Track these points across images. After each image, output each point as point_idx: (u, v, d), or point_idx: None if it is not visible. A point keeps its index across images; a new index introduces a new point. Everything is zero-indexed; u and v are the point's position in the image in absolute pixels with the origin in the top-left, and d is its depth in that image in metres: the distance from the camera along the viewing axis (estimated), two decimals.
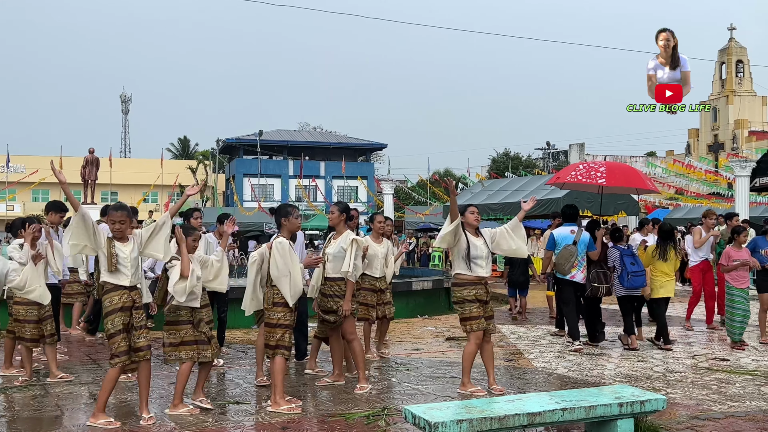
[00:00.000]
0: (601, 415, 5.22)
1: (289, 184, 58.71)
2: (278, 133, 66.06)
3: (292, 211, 6.70)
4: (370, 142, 67.97)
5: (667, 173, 34.10)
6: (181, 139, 77.93)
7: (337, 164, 58.13)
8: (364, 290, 8.59)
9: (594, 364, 8.60)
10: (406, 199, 48.15)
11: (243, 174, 60.34)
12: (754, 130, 70.51)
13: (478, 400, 5.53)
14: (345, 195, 58.21)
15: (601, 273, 9.46)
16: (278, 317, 6.45)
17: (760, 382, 7.54)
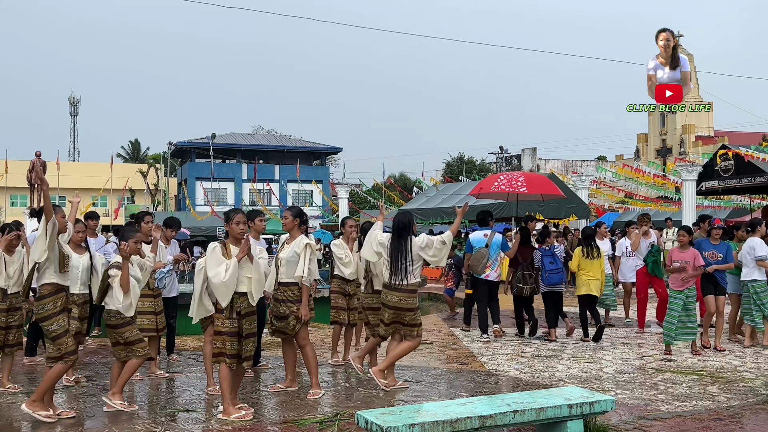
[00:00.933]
0: (552, 416, 5.28)
1: (243, 188, 58.12)
2: (232, 137, 65.41)
3: (233, 216, 6.57)
4: (325, 145, 67.77)
5: (617, 177, 34.70)
6: (132, 143, 76.64)
7: (291, 168, 57.81)
8: (334, 293, 8.60)
9: (545, 366, 8.69)
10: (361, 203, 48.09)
11: (195, 178, 59.61)
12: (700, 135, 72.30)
13: (431, 404, 5.53)
14: (300, 199, 57.92)
15: (527, 274, 10.49)
16: (217, 324, 6.38)
17: (707, 382, 7.71)
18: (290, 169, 58.54)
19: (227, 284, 6.26)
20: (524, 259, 10.57)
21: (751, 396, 7.03)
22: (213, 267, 6.30)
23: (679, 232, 9.64)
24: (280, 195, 55.57)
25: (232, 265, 6.28)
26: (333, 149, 68.51)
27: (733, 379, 7.84)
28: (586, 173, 30.84)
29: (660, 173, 32.74)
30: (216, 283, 6.27)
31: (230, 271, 6.25)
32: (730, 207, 31.85)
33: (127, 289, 6.14)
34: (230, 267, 6.27)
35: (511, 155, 74.82)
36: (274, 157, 64.74)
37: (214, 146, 54.89)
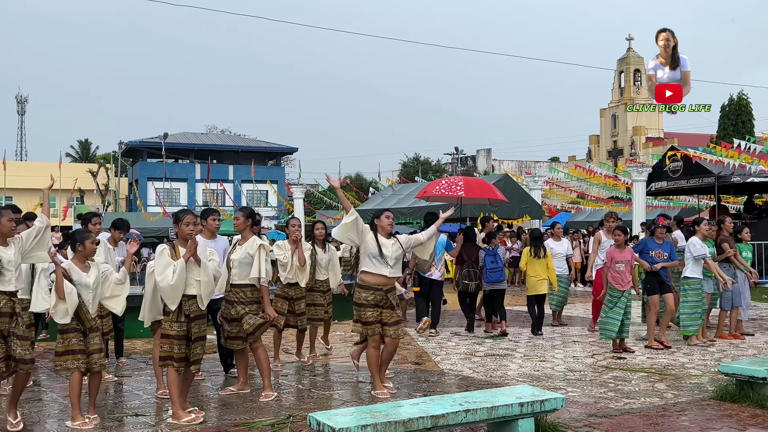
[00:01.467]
0: (503, 415, 5.31)
1: (196, 188, 57.44)
2: (184, 136, 64.60)
3: (182, 217, 6.43)
4: (281, 145, 67.38)
5: (570, 178, 35.23)
6: (81, 142, 75.20)
7: (246, 168, 57.33)
8: (276, 296, 8.49)
9: (498, 364, 8.76)
10: (317, 204, 47.94)
11: (147, 178, 58.76)
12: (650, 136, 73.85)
13: (383, 405, 5.52)
14: (254, 199, 57.44)
15: (471, 272, 11.02)
16: (165, 327, 6.27)
17: (655, 379, 7.85)
18: (244, 169, 58.05)
19: (175, 287, 6.15)
20: (469, 257, 11.06)
21: (697, 392, 7.18)
22: (160, 269, 6.18)
23: (615, 232, 9.72)
24: (234, 195, 55.08)
25: (179, 267, 6.16)
26: (288, 149, 68.16)
27: (680, 375, 8.00)
28: (539, 174, 31.25)
29: (611, 174, 33.31)
30: (163, 286, 6.15)
31: (177, 274, 6.14)
32: (679, 207, 32.59)
33: (61, 295, 5.92)
34: (177, 269, 6.15)
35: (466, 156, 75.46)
36: (228, 157, 64.15)
37: (167, 146, 54.16)
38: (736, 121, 43.75)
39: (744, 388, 6.82)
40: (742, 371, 6.87)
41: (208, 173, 50.91)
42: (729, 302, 10.50)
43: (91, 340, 6.12)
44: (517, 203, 24.27)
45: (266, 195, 56.70)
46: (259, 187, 55.93)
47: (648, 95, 74.75)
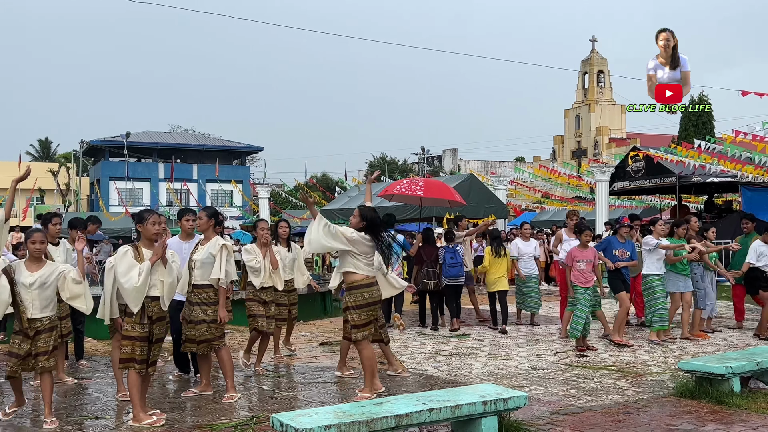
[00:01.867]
0: (467, 414, 5.33)
1: (159, 188, 56.78)
2: (147, 135, 63.83)
3: (147, 217, 6.36)
4: (246, 144, 66.90)
5: (534, 178, 35.54)
6: (41, 141, 73.86)
7: (210, 167, 56.84)
8: (249, 301, 8.35)
9: (463, 363, 8.78)
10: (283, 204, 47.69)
11: (109, 177, 57.93)
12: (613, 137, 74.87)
13: (348, 405, 5.50)
14: (219, 199, 56.95)
15: (431, 271, 11.35)
16: (127, 329, 6.17)
17: (617, 376, 7.94)
18: (209, 168, 57.56)
19: (139, 290, 6.07)
20: (428, 257, 11.39)
21: (658, 389, 7.28)
22: (124, 271, 6.09)
23: (585, 232, 9.83)
24: (199, 195, 54.53)
25: (144, 269, 6.08)
26: (254, 148, 67.71)
27: (642, 373, 8.10)
28: (505, 174, 31.48)
29: (575, 174, 33.69)
30: (128, 288, 6.06)
31: (143, 276, 6.06)
32: (641, 207, 33.08)
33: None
34: (143, 271, 6.07)
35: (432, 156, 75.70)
36: (192, 156, 63.51)
37: (129, 145, 53.42)
38: (696, 122, 44.55)
39: (703, 384, 6.93)
40: (702, 368, 6.98)
41: (171, 173, 50.33)
42: (703, 300, 10.68)
43: (37, 342, 6.01)
44: (482, 203, 24.38)
45: (231, 195, 56.25)
46: (224, 187, 55.43)
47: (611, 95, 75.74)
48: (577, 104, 79.81)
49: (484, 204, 24.35)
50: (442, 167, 75.07)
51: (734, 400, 6.61)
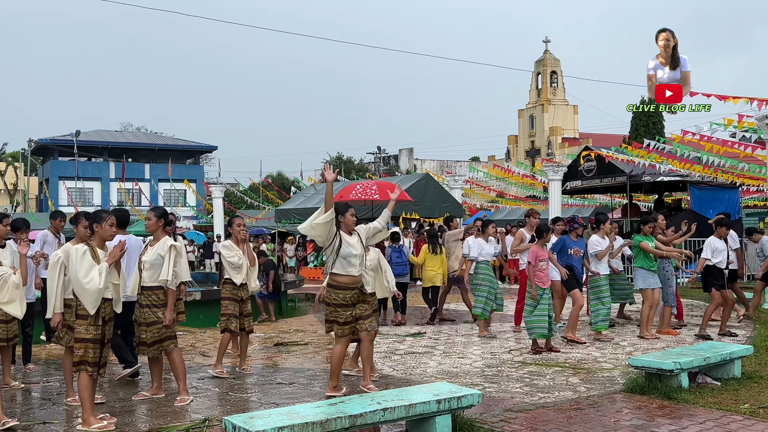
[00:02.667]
0: (421, 412, 5.34)
1: (111, 187, 55.78)
2: (98, 134, 62.64)
3: (105, 218, 6.28)
4: (200, 143, 66.12)
5: (489, 177, 35.84)
6: None
7: (163, 167, 56.03)
8: (225, 299, 8.21)
9: (417, 362, 8.81)
10: (237, 203, 47.26)
11: (58, 177, 56.71)
12: (566, 137, 75.92)
13: (301, 406, 5.47)
14: (172, 199, 56.19)
15: None
16: (80, 330, 6.04)
17: (569, 373, 8.04)
18: (161, 167, 56.73)
19: (101, 291, 5.98)
20: None
21: (609, 385, 7.40)
22: (85, 272, 5.97)
23: (547, 231, 9.67)
24: (151, 195, 53.72)
25: (104, 271, 5.99)
26: (207, 147, 66.96)
27: (593, 369, 8.23)
28: (460, 173, 31.66)
29: (528, 174, 34.06)
30: (90, 290, 5.95)
31: (104, 277, 5.97)
32: (593, 205, 33.61)
33: None
34: (103, 272, 5.98)
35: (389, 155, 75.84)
36: (144, 156, 62.53)
37: (79, 144, 52.35)
38: (647, 122, 45.44)
39: (653, 380, 7.06)
40: (651, 364, 7.12)
41: (122, 172, 49.48)
42: (672, 297, 10.81)
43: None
44: (438, 202, 24.50)
45: (184, 194, 55.58)
46: (177, 187, 54.71)
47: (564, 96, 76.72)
48: (531, 104, 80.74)
49: (439, 203, 24.46)
50: (398, 166, 75.22)
51: (682, 396, 6.76)
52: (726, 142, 20.30)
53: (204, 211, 47.14)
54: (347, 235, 7.01)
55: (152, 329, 6.81)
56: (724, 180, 21.55)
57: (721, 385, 7.29)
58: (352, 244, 6.95)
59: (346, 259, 6.92)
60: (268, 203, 43.90)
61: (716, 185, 21.05)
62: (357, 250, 6.97)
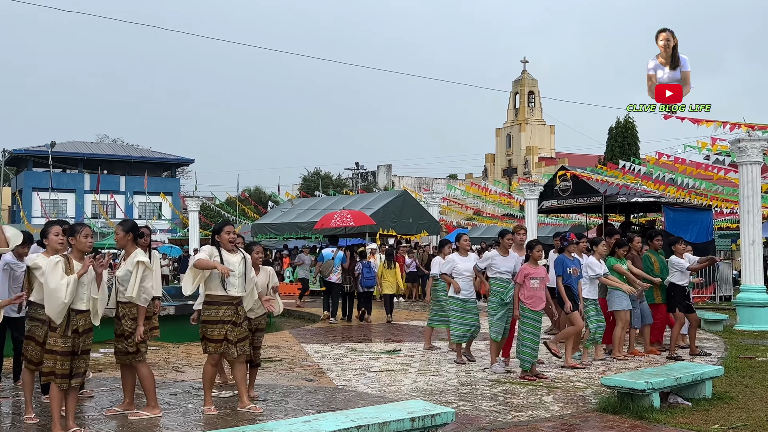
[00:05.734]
0: (395, 430, 5.33)
1: (85, 199, 55.23)
2: (73, 145, 62.08)
3: (80, 230, 6.22)
4: (176, 156, 65.77)
5: (466, 195, 36.04)
6: None
7: (138, 179, 55.65)
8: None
9: (392, 380, 8.79)
10: (214, 217, 46.99)
11: (32, 188, 56.07)
12: (543, 156, 76.61)
13: (274, 423, 5.44)
14: (147, 212, 55.73)
15: (348, 277, 15.87)
16: (50, 342, 5.99)
17: (542, 392, 8.07)
18: (137, 180, 56.32)
19: (67, 304, 5.91)
20: (348, 267, 15.90)
21: (582, 404, 7.43)
22: (55, 285, 5.90)
23: (536, 247, 9.04)
24: (126, 207, 53.27)
25: (72, 283, 5.91)
26: (184, 160, 66.64)
27: (566, 388, 8.26)
28: (437, 191, 31.79)
29: (505, 192, 34.29)
30: (55, 303, 5.88)
31: (70, 289, 5.90)
32: (569, 225, 33.88)
33: None
34: (70, 285, 5.91)
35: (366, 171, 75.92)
36: (119, 168, 62.06)
37: (54, 155, 51.85)
38: (622, 143, 45.95)
39: (625, 400, 7.11)
40: (623, 384, 7.16)
41: (97, 184, 49.04)
42: (638, 320, 10.83)
43: None
44: (416, 219, 24.59)
45: (160, 207, 55.15)
46: (153, 199, 54.30)
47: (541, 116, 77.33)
48: (508, 123, 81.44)
49: (417, 220, 24.54)
50: (376, 183, 75.33)
51: (654, 415, 6.81)
52: (700, 165, 20.60)
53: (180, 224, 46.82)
54: (227, 254, 7.03)
55: (125, 342, 6.75)
56: (697, 202, 21.84)
57: (692, 405, 7.35)
58: (231, 263, 6.97)
59: (227, 281, 6.94)
60: (244, 218, 43.72)
61: (690, 207, 21.31)
62: (237, 269, 6.99)
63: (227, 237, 7.02)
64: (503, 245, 9.49)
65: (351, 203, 26.30)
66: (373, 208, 23.95)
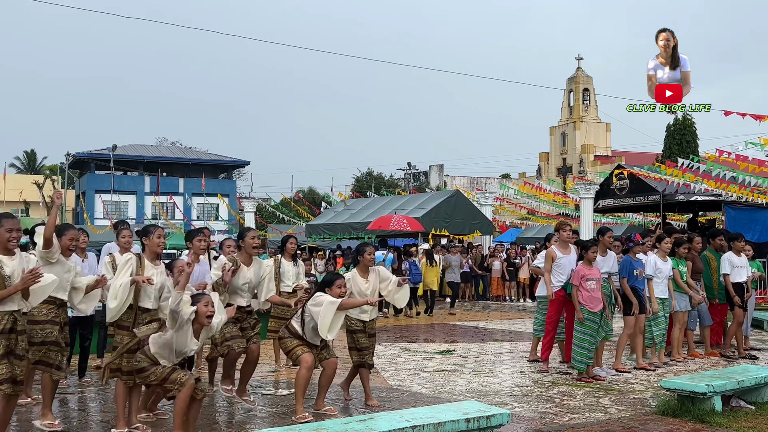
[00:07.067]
0: (450, 431, 5.33)
1: (145, 201, 56.52)
2: (134, 148, 63.61)
3: (153, 231, 6.47)
4: (233, 158, 66.82)
5: (519, 195, 35.69)
6: (27, 153, 73.50)
7: (196, 181, 56.66)
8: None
9: (447, 380, 8.79)
10: (269, 218, 47.59)
11: (95, 190, 57.61)
12: (598, 154, 75.34)
13: (330, 422, 5.50)
14: (205, 213, 56.78)
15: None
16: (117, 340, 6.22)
17: (600, 394, 7.96)
18: (195, 182, 57.38)
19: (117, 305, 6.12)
20: (398, 268, 16.94)
21: (640, 407, 7.31)
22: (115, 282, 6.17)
23: (591, 248, 8.84)
24: (185, 209, 54.35)
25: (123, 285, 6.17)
26: (240, 162, 67.65)
27: (624, 391, 8.14)
28: (490, 191, 31.59)
29: (560, 191, 33.86)
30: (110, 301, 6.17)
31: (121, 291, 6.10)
32: (626, 224, 33.29)
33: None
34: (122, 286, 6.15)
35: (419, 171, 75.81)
36: (178, 170, 63.35)
37: (115, 158, 53.25)
38: (681, 140, 44.94)
39: (685, 403, 6.97)
40: (684, 387, 7.03)
41: (157, 186, 50.08)
42: (694, 321, 10.63)
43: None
44: (468, 219, 24.47)
45: (217, 208, 56.12)
46: (210, 201, 55.28)
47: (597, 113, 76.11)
48: (563, 122, 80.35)
49: (469, 220, 24.42)
50: (428, 183, 75.17)
51: (715, 419, 6.66)
52: (762, 162, 20.02)
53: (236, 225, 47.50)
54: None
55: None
56: (760, 200, 21.21)
57: (755, 409, 7.17)
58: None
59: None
60: (298, 218, 44.16)
61: (752, 205, 20.71)
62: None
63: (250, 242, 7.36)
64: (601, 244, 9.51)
65: (403, 203, 26.32)
66: (425, 208, 23.93)
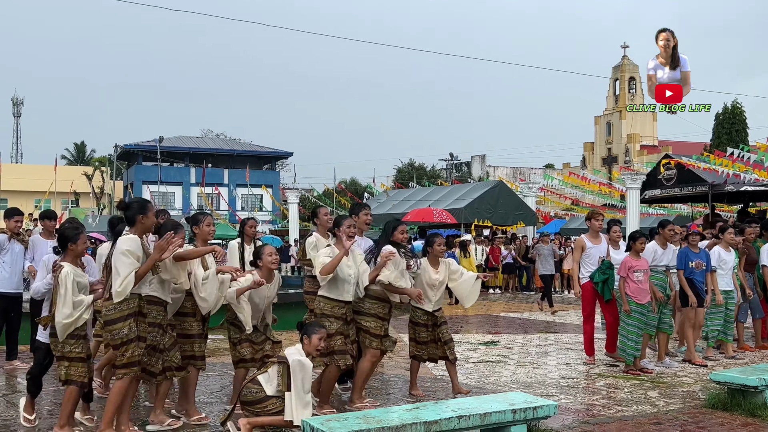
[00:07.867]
0: (496, 421, 5.34)
1: (191, 191, 57.38)
2: (180, 140, 64.59)
3: (202, 219, 6.55)
4: (276, 150, 67.40)
5: (564, 185, 35.33)
6: (77, 145, 75.14)
7: (241, 172, 57.32)
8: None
9: (491, 371, 8.78)
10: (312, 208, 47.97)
11: (142, 181, 58.68)
12: (645, 144, 74.03)
13: (377, 410, 5.55)
14: (249, 203, 57.41)
15: None
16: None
17: (647, 387, 7.87)
18: (240, 173, 58.06)
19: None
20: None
21: (689, 400, 7.21)
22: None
23: (639, 240, 8.76)
24: (229, 199, 55.04)
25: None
26: (283, 154, 68.20)
27: (672, 384, 8.03)
28: (534, 181, 31.34)
29: (605, 181, 33.41)
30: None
31: None
32: (673, 215, 32.72)
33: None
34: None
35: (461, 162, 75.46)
36: (223, 161, 64.16)
37: (162, 149, 54.12)
38: (730, 129, 43.98)
39: (736, 396, 6.85)
40: (734, 380, 6.91)
41: (203, 177, 50.85)
42: (745, 313, 10.44)
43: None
44: (511, 210, 24.35)
45: (261, 199, 56.72)
46: (254, 191, 55.88)
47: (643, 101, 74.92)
48: (608, 111, 79.16)
49: (513, 211, 24.31)
50: (470, 173, 74.81)
51: (767, 413, 6.54)
52: None
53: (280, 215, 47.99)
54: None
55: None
56: None
57: None
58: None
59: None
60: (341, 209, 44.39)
61: None
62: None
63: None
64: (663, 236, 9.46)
65: (445, 194, 26.28)
66: (467, 198, 23.85)
